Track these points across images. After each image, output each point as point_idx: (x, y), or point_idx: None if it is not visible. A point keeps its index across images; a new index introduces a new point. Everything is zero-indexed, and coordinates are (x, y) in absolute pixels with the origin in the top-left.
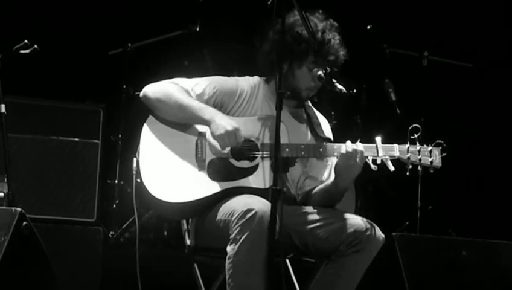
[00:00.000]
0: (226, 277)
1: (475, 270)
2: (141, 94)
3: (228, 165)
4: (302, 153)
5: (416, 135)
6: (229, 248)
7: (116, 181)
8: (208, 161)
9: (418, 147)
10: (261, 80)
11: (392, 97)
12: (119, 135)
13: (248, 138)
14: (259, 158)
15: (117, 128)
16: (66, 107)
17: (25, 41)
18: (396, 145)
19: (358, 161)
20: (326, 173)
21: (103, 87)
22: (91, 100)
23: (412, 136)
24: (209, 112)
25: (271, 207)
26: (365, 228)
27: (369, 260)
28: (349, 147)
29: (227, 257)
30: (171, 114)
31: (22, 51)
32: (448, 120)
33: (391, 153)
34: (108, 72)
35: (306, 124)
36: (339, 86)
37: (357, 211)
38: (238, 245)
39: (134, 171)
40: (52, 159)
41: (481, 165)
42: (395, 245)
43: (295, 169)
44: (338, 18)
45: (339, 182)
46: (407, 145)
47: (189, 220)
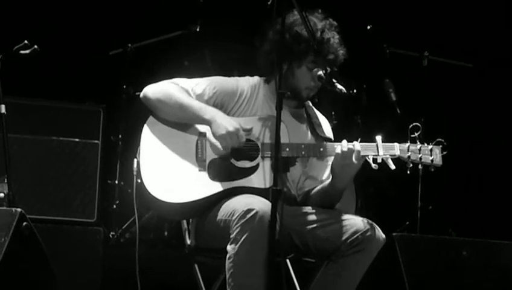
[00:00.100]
0: (227, 277)
1: (475, 270)
2: (141, 95)
3: (228, 165)
4: (303, 153)
5: (416, 134)
6: (229, 248)
7: (117, 181)
8: (209, 161)
9: (419, 146)
10: (261, 80)
11: (392, 97)
12: (120, 136)
13: (249, 137)
14: (260, 158)
15: (117, 128)
16: (66, 108)
17: (25, 41)
18: (396, 144)
19: (354, 160)
20: (327, 172)
21: (103, 87)
22: (91, 100)
23: (412, 135)
24: (210, 111)
25: (271, 207)
26: (365, 228)
27: (370, 260)
28: (345, 146)
29: (228, 256)
30: (172, 114)
31: (22, 52)
32: (448, 120)
33: (392, 152)
34: (108, 73)
35: (306, 124)
36: (339, 86)
37: (357, 211)
38: (238, 245)
39: (135, 172)
40: (52, 160)
41: (481, 165)
42: (395, 245)
43: (295, 169)
44: (338, 18)
45: (336, 182)
46: (408, 144)
47: (189, 220)
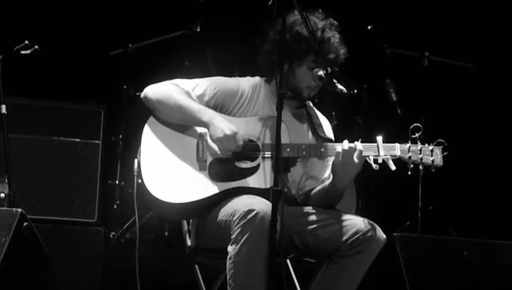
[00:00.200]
0: (227, 277)
1: (476, 270)
2: (142, 95)
3: (229, 166)
4: (303, 153)
5: (417, 134)
6: (230, 248)
7: (117, 182)
8: (209, 161)
9: (419, 146)
10: (262, 80)
11: (393, 97)
12: (120, 136)
13: (249, 138)
14: (260, 158)
15: (118, 128)
16: (67, 108)
17: (26, 42)
18: (397, 145)
19: (355, 160)
20: (327, 172)
21: (104, 87)
22: (92, 101)
23: (413, 136)
24: (208, 114)
25: (272, 207)
26: (366, 228)
27: (370, 260)
28: (346, 145)
29: (228, 257)
30: (171, 116)
31: (22, 52)
32: (449, 120)
33: (392, 152)
34: (109, 73)
35: (307, 124)
36: (340, 86)
37: (358, 212)
38: (239, 245)
39: (135, 172)
40: (52, 160)
41: (482, 166)
42: (395, 245)
43: (296, 169)
44: (339, 18)
45: (336, 182)
46: (409, 145)
47: (189, 221)
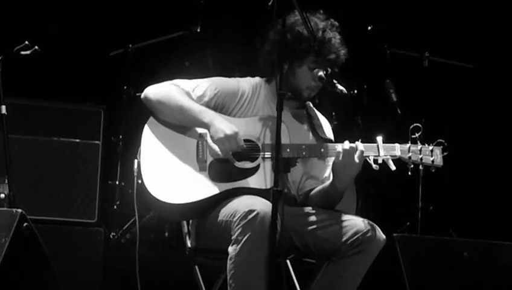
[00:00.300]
0: (227, 278)
1: (476, 271)
2: (142, 95)
3: (229, 166)
4: (303, 153)
5: (417, 134)
6: (230, 249)
7: (117, 182)
8: (209, 161)
9: (419, 147)
10: (262, 80)
11: (393, 98)
12: (120, 136)
13: (249, 138)
14: (261, 159)
15: (118, 129)
16: (67, 108)
17: (26, 42)
18: (397, 145)
19: (356, 159)
20: (328, 172)
21: (104, 88)
22: (92, 101)
23: (413, 136)
24: (209, 115)
25: (272, 208)
26: (366, 229)
27: (370, 261)
28: (347, 145)
29: (229, 257)
30: (172, 116)
31: (22, 52)
32: (449, 121)
33: (392, 153)
34: (109, 73)
35: (307, 124)
36: (340, 86)
37: (358, 212)
38: (240, 246)
39: (135, 173)
40: (53, 160)
41: (482, 166)
42: (395, 246)
43: (296, 169)
44: (339, 19)
45: (336, 182)
46: (408, 145)
47: (189, 222)
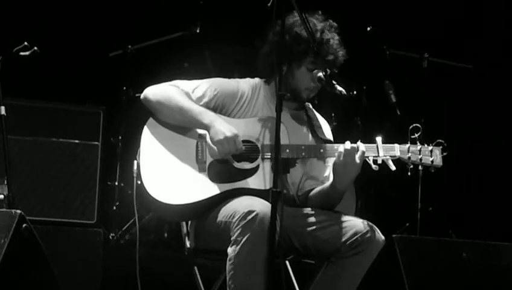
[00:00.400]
0: (227, 279)
1: (475, 272)
2: (142, 96)
3: (228, 167)
4: (303, 154)
5: (416, 135)
6: (230, 250)
7: (117, 183)
8: (209, 162)
9: (419, 147)
10: (261, 81)
11: (392, 99)
12: (120, 137)
13: (248, 139)
14: (260, 159)
15: (117, 130)
16: (66, 109)
17: (25, 43)
18: (396, 145)
19: (356, 159)
20: (327, 172)
21: (103, 89)
22: (91, 102)
23: (412, 136)
24: (209, 116)
25: (271, 208)
26: (365, 230)
27: (370, 262)
28: (348, 145)
29: (228, 258)
30: (171, 117)
31: (21, 53)
32: (448, 122)
33: (392, 153)
34: (108, 74)
35: (306, 125)
36: (339, 87)
37: (357, 212)
38: (239, 246)
39: (135, 174)
40: (52, 161)
41: (481, 167)
42: (395, 247)
43: (296, 170)
44: (338, 20)
45: (336, 183)
46: (408, 145)
47: (189, 222)
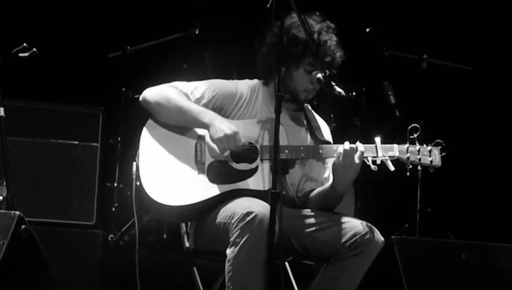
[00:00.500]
0: (226, 280)
1: (474, 273)
2: (140, 98)
3: (228, 168)
4: (302, 155)
5: (415, 135)
6: (228, 251)
7: (115, 184)
8: (208, 163)
9: (418, 147)
10: (260, 82)
11: (392, 100)
12: (119, 138)
13: (247, 140)
14: (259, 160)
15: (116, 131)
16: (65, 110)
17: (24, 44)
18: (395, 145)
19: (355, 160)
20: (327, 173)
21: (102, 90)
22: (90, 103)
23: (411, 136)
24: (209, 115)
25: (270, 210)
26: (364, 231)
27: (369, 263)
28: (347, 145)
29: (227, 259)
30: (171, 118)
31: (20, 54)
32: (447, 123)
33: (391, 153)
34: (107, 75)
35: (305, 127)
36: (338, 88)
37: (357, 214)
38: (238, 248)
39: (134, 176)
40: (51, 162)
41: (480, 168)
42: (394, 248)
43: (295, 171)
44: (337, 21)
45: (336, 184)
46: (407, 145)
47: (188, 223)
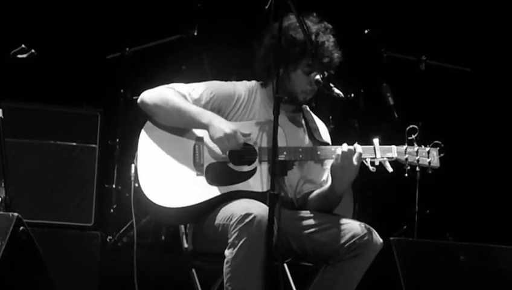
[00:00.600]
0: (224, 281)
1: (472, 274)
2: (139, 100)
3: (226, 169)
4: (300, 156)
5: (413, 136)
6: (227, 252)
7: (114, 186)
8: (206, 165)
9: (416, 148)
10: (258, 84)
11: (390, 101)
12: (117, 140)
13: (246, 141)
14: (257, 162)
15: (115, 132)
16: (64, 112)
17: (22, 45)
18: (394, 147)
19: (354, 161)
20: (325, 175)
21: (101, 91)
22: (89, 104)
23: (409, 137)
24: (207, 116)
25: (268, 211)
26: (363, 232)
27: (367, 264)
28: (345, 147)
29: (226, 261)
30: (169, 119)
31: (19, 56)
32: (446, 124)
33: (389, 155)
34: (106, 77)
35: (303, 128)
36: (337, 90)
37: (355, 215)
38: (236, 249)
39: (132, 178)
40: (49, 164)
41: (478, 170)
42: (392, 249)
43: (293, 173)
44: (336, 22)
45: (335, 186)
46: (405, 146)
47: (187, 225)
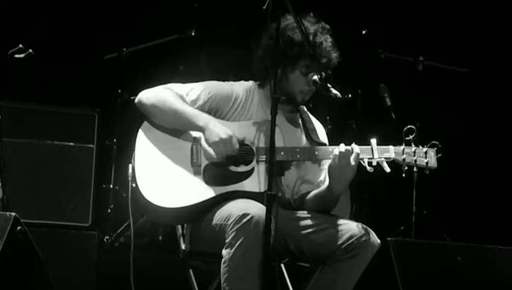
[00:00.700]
0: (221, 282)
1: (470, 275)
2: (136, 100)
3: (223, 170)
4: (298, 157)
5: (411, 137)
6: (224, 252)
7: (111, 186)
8: (204, 165)
9: (413, 148)
10: (255, 84)
11: (387, 102)
12: (114, 140)
13: (243, 142)
14: (255, 162)
15: (112, 132)
16: (61, 112)
17: (20, 45)
18: (391, 147)
19: (351, 162)
20: (323, 175)
21: (98, 91)
22: (86, 105)
23: (407, 138)
24: (203, 118)
25: (266, 211)
26: (360, 233)
27: (365, 265)
28: (342, 147)
29: (223, 261)
30: (166, 120)
31: (16, 56)
32: (443, 125)
33: (386, 155)
34: (103, 77)
35: (301, 128)
36: (334, 90)
37: (352, 216)
38: (233, 249)
39: (130, 178)
40: (46, 164)
41: (476, 170)
42: (389, 250)
43: (291, 174)
44: (334, 23)
45: (332, 186)
46: (402, 147)
47: (184, 225)
